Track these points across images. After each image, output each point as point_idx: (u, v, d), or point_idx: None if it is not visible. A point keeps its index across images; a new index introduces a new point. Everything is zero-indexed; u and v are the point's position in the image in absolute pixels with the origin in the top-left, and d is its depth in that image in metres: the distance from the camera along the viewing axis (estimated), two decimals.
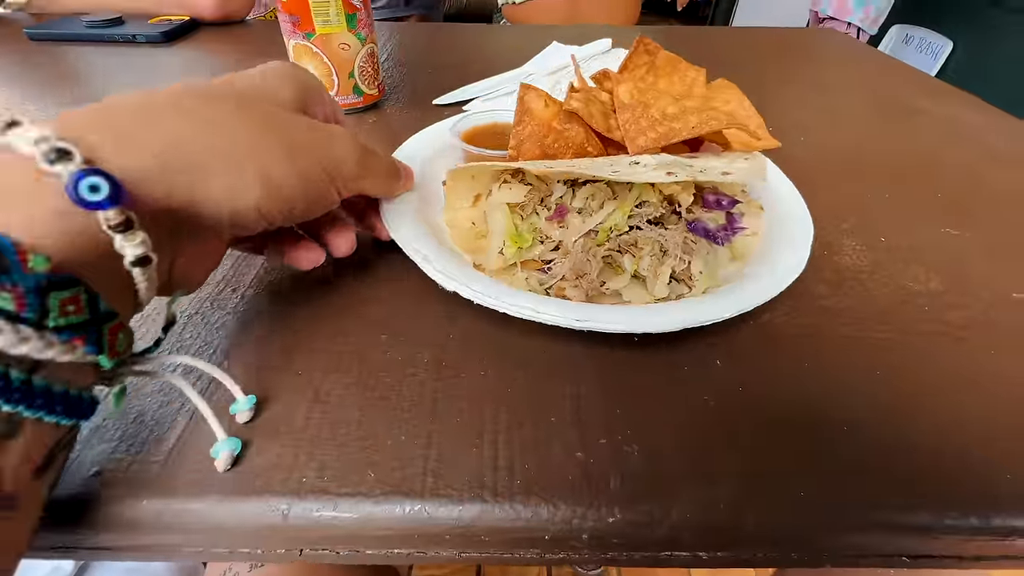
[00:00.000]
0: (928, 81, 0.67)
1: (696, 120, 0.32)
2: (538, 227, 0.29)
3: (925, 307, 0.32)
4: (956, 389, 0.27)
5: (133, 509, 0.21)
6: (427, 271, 0.27)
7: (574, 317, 0.24)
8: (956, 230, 0.38)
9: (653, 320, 0.25)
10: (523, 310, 0.25)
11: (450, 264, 0.27)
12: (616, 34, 0.84)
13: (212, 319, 0.29)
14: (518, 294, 0.26)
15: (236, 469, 0.22)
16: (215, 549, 0.23)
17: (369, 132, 0.51)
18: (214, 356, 0.27)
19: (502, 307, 0.25)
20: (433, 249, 0.28)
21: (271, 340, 0.28)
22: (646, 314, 0.25)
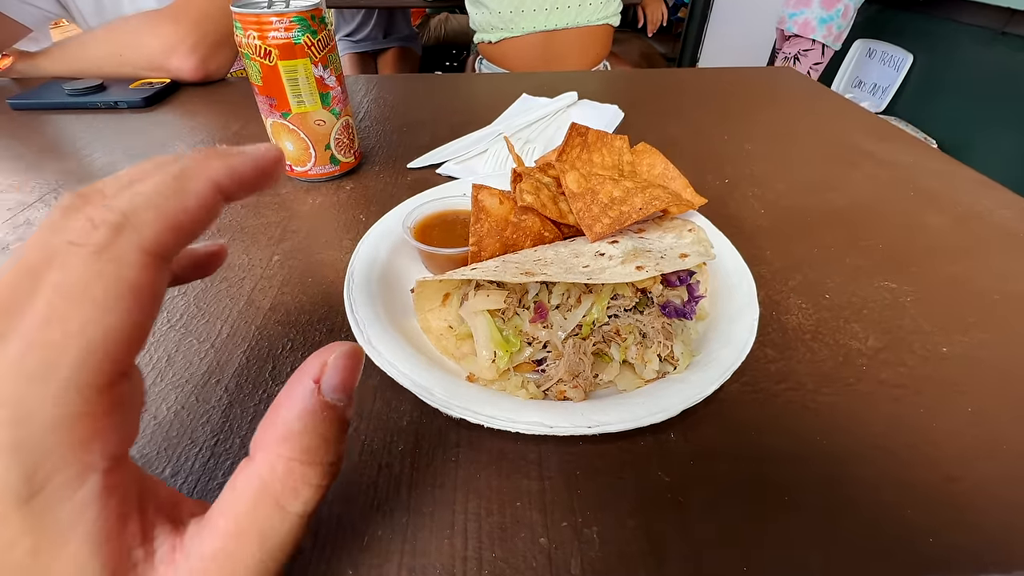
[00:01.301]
0: (875, 124, 0.71)
1: (641, 202, 0.35)
2: (522, 329, 0.31)
3: (863, 366, 0.34)
4: (889, 452, 0.29)
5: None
6: (432, 403, 0.28)
7: (585, 425, 0.26)
8: (894, 283, 0.41)
9: (654, 413, 0.27)
10: (537, 427, 0.26)
11: (447, 386, 0.29)
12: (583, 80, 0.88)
13: (198, 412, 0.31)
14: (526, 410, 0.27)
15: None
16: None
17: (347, 199, 0.53)
18: (199, 453, 0.29)
19: (516, 427, 0.27)
20: (423, 370, 0.29)
21: None
22: (645, 407, 0.28)
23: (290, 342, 0.37)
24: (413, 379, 0.29)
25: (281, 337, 0.37)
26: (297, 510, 0.17)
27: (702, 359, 0.31)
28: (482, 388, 0.30)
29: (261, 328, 0.38)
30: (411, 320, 0.36)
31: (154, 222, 0.16)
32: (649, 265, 0.30)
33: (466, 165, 0.58)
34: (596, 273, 0.30)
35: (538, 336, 0.30)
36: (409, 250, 0.42)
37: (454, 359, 0.33)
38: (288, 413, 0.17)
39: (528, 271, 0.30)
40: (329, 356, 0.18)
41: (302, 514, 0.17)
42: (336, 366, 0.18)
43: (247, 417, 0.31)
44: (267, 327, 0.38)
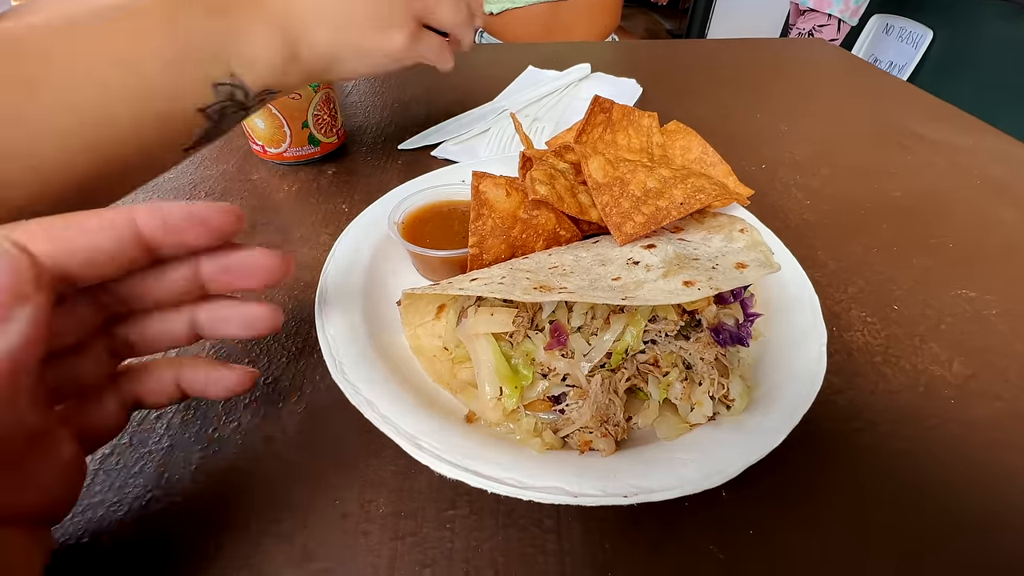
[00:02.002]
0: (924, 100, 0.63)
1: (682, 195, 0.28)
2: (535, 357, 0.25)
3: (951, 399, 0.28)
4: (990, 512, 0.23)
5: None
6: (420, 459, 0.22)
7: (620, 494, 0.20)
8: (973, 291, 0.35)
9: (709, 476, 0.21)
10: (557, 495, 0.20)
11: (439, 435, 0.22)
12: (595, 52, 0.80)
13: (129, 459, 0.25)
14: (542, 471, 0.21)
15: None
16: None
17: (328, 185, 0.46)
18: (125, 516, 0.23)
19: (527, 495, 0.20)
20: (408, 411, 0.23)
21: (201, 492, 0.24)
22: (697, 466, 0.21)
23: (251, 362, 0.30)
24: (396, 424, 0.23)
25: (242, 357, 0.30)
26: None
27: (761, 396, 0.24)
28: (484, 435, 0.23)
29: (215, 346, 0.31)
30: (398, 336, 0.29)
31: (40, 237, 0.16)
32: (700, 280, 0.23)
33: (466, 146, 0.50)
34: (631, 289, 0.23)
35: (556, 367, 0.24)
36: (397, 249, 0.35)
37: (450, 390, 0.26)
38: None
39: (542, 284, 0.24)
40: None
41: None
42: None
43: (190, 465, 0.25)
44: (223, 345, 0.31)
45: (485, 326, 0.25)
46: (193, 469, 0.25)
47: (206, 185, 0.46)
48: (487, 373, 0.24)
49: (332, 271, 0.31)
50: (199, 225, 0.19)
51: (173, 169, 0.48)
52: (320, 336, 0.27)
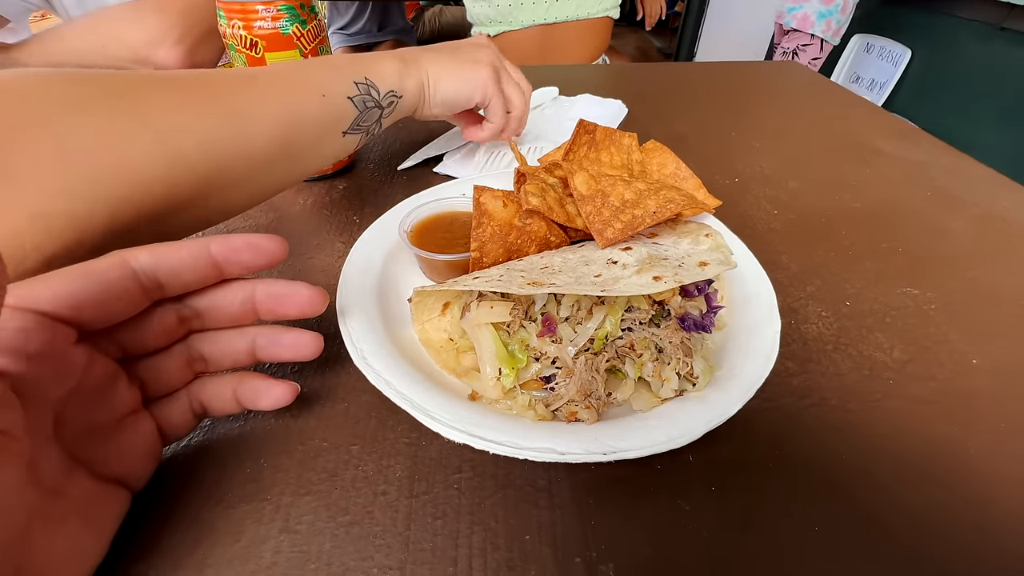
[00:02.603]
0: (884, 119, 0.69)
1: (655, 205, 0.33)
2: (529, 343, 0.28)
3: (890, 380, 0.32)
4: (922, 473, 0.27)
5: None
6: (432, 427, 0.26)
7: (600, 452, 0.24)
8: (916, 288, 0.40)
9: (674, 438, 0.25)
10: (548, 454, 0.24)
11: (448, 407, 0.26)
12: (585, 74, 0.85)
13: None
14: (534, 434, 0.25)
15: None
16: None
17: (340, 199, 0.51)
18: (176, 480, 0.27)
19: (523, 454, 0.24)
20: (421, 389, 0.27)
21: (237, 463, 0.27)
22: (664, 430, 0.25)
23: None
24: (411, 399, 0.26)
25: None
26: None
27: (722, 375, 0.29)
28: (486, 408, 0.27)
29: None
30: (408, 331, 0.33)
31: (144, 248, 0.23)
32: (667, 275, 0.27)
33: (463, 164, 0.55)
34: (609, 284, 0.27)
35: (546, 351, 0.28)
36: (406, 255, 0.39)
37: (455, 375, 0.30)
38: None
39: (535, 281, 0.28)
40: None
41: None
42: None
43: (231, 436, 0.29)
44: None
45: (486, 317, 0.29)
46: (235, 438, 0.28)
47: None
48: (488, 357, 0.28)
49: (349, 273, 0.36)
50: (253, 248, 0.25)
51: None
52: (342, 329, 0.31)
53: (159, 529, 0.24)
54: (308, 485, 0.26)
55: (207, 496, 0.26)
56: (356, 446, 0.28)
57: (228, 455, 0.28)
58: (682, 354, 0.27)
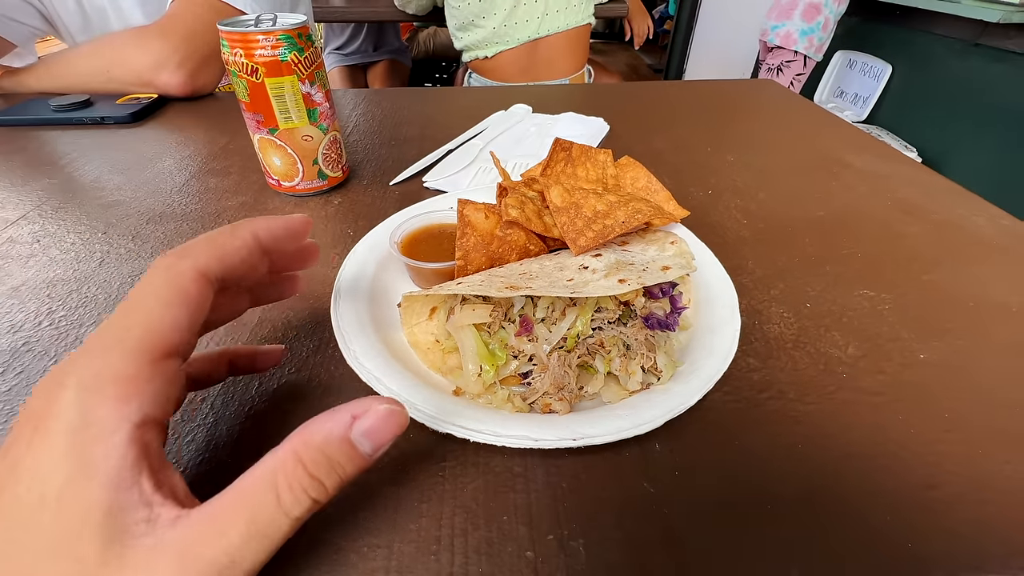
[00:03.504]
0: (853, 135, 0.73)
1: (624, 215, 0.36)
2: (508, 342, 0.31)
3: (844, 374, 0.35)
4: (869, 459, 0.30)
5: None
6: (418, 418, 0.28)
7: (570, 438, 0.27)
8: (872, 291, 0.42)
9: (638, 425, 0.28)
10: (523, 440, 0.27)
11: (433, 401, 0.29)
12: (570, 92, 0.89)
13: (183, 431, 0.31)
14: (511, 424, 0.28)
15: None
16: None
17: (335, 213, 0.54)
18: (184, 474, 0.29)
19: (501, 441, 0.27)
20: (409, 385, 0.30)
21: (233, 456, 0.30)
22: (629, 419, 0.28)
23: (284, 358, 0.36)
24: (399, 394, 0.29)
25: None
26: (286, 507, 0.19)
27: (685, 370, 0.31)
28: (468, 402, 0.30)
29: (249, 342, 0.38)
30: (398, 334, 0.36)
31: (205, 252, 0.23)
32: (631, 278, 0.30)
33: (452, 180, 0.58)
34: (580, 287, 0.30)
35: (523, 349, 0.31)
36: (397, 264, 0.42)
37: (441, 373, 0.33)
38: (319, 427, 0.21)
39: (513, 285, 0.31)
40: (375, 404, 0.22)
41: (288, 513, 0.19)
42: (375, 412, 0.22)
43: (233, 435, 0.31)
44: (254, 343, 0.38)
45: (468, 319, 0.31)
46: (236, 438, 0.31)
47: (228, 214, 0.53)
48: (470, 355, 0.31)
49: (344, 282, 0.38)
50: (290, 231, 0.27)
51: (199, 200, 0.56)
52: (336, 331, 0.34)
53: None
54: None
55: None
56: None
57: (219, 448, 0.30)
58: (646, 350, 0.30)
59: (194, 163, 0.64)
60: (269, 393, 0.34)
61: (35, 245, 0.48)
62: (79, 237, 0.49)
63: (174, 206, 0.55)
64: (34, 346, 0.37)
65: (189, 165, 0.63)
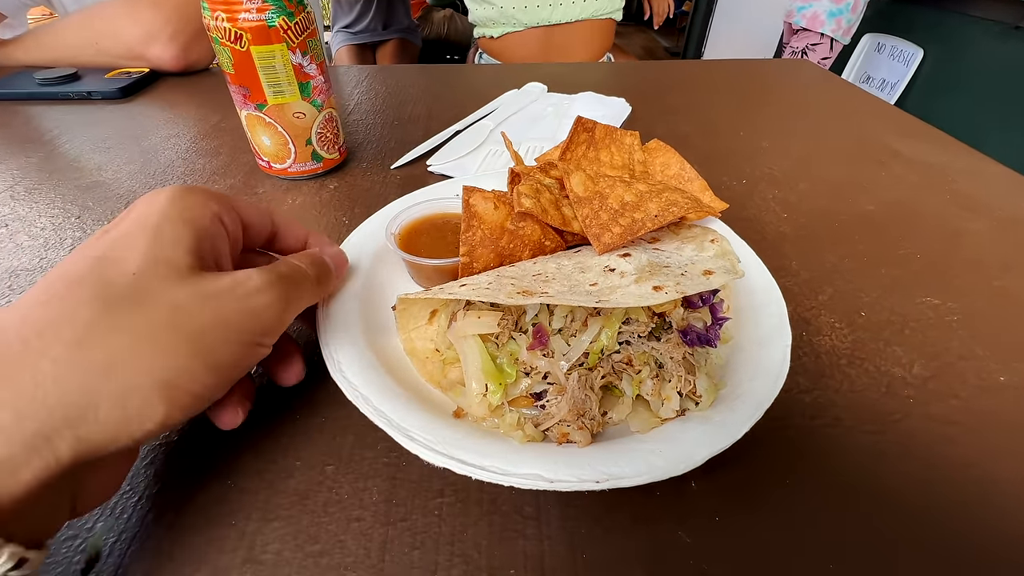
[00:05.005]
0: (900, 119, 0.66)
1: (656, 208, 0.30)
2: (519, 357, 0.26)
3: (910, 398, 0.30)
4: (945, 503, 0.25)
5: None
6: (411, 448, 0.23)
7: (592, 479, 0.22)
8: (937, 298, 0.37)
9: (675, 464, 0.22)
10: (535, 480, 0.22)
11: (429, 427, 0.24)
12: (589, 72, 0.83)
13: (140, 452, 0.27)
14: (522, 459, 0.23)
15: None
16: None
17: (330, 199, 0.49)
18: (140, 503, 0.25)
19: (509, 480, 0.22)
20: (401, 406, 0.25)
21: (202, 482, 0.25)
22: (664, 455, 0.23)
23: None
24: (389, 417, 0.24)
25: None
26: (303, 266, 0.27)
27: (728, 393, 0.26)
28: (471, 428, 0.25)
29: None
30: (394, 340, 0.31)
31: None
32: (668, 284, 0.25)
33: (459, 163, 0.53)
34: (606, 294, 0.25)
35: (537, 366, 0.26)
36: (395, 259, 0.37)
37: (440, 388, 0.28)
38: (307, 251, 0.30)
39: (526, 290, 0.26)
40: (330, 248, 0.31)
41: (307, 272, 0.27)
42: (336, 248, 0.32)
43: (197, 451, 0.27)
44: None
45: (473, 328, 0.27)
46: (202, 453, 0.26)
47: None
48: (474, 371, 0.26)
49: None
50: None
51: (184, 181, 0.51)
52: (320, 338, 0.29)
53: (111, 557, 0.22)
54: (277, 510, 0.24)
55: (165, 518, 0.24)
56: (331, 466, 0.26)
57: (192, 472, 0.26)
58: (684, 371, 0.25)
59: (182, 142, 0.59)
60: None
61: (2, 230, 0.44)
62: (51, 222, 0.45)
63: (156, 187, 0.50)
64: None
65: (177, 144, 0.59)
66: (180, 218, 0.23)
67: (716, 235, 0.33)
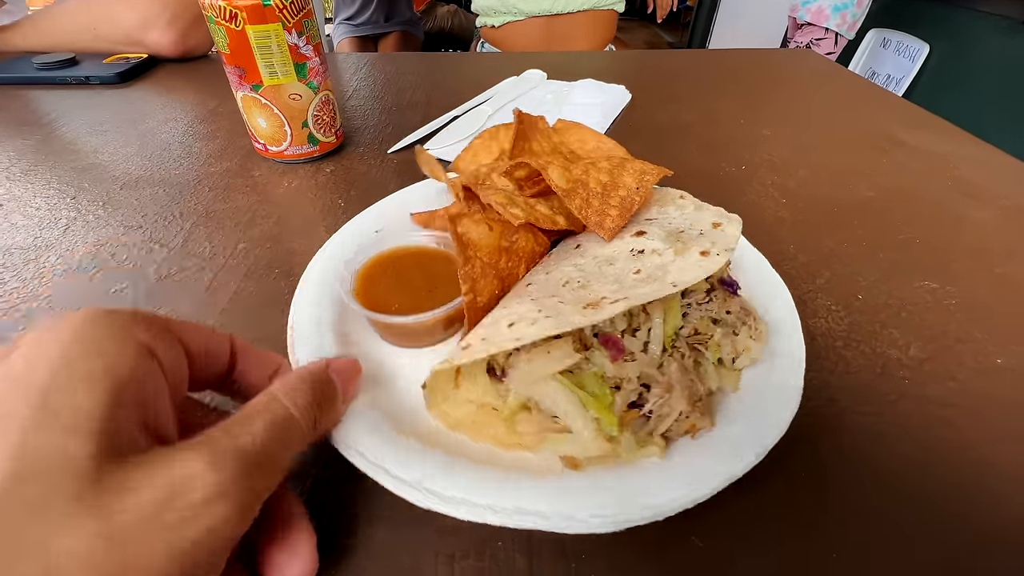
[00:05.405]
0: (905, 109, 0.66)
1: (633, 181, 0.31)
2: (604, 374, 0.24)
3: (905, 379, 0.30)
4: (941, 485, 0.25)
5: None
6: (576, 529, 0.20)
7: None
8: (935, 283, 0.37)
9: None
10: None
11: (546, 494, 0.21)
12: (590, 61, 0.82)
13: None
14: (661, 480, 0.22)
15: None
16: None
17: (326, 182, 0.49)
18: None
19: None
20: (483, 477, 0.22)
21: None
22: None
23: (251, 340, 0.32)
24: (475, 503, 0.21)
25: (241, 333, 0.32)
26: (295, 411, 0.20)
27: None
28: (606, 473, 0.23)
29: (219, 323, 0.33)
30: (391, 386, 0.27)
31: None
32: (707, 247, 0.25)
33: (455, 148, 0.53)
34: (668, 276, 0.24)
35: (627, 374, 0.24)
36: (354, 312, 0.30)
37: (519, 449, 0.24)
38: (301, 370, 0.22)
39: (591, 303, 0.23)
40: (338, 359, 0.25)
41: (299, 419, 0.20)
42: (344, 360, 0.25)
43: None
44: (226, 322, 0.33)
45: (553, 366, 0.23)
46: None
47: (210, 181, 0.49)
48: (574, 410, 0.23)
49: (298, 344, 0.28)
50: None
51: (180, 164, 0.51)
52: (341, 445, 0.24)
53: None
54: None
55: None
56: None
57: None
58: (751, 318, 0.26)
59: (179, 126, 0.59)
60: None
61: None
62: (46, 202, 0.45)
63: (152, 170, 0.50)
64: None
65: (174, 128, 0.59)
66: (86, 367, 0.15)
67: (681, 192, 0.33)
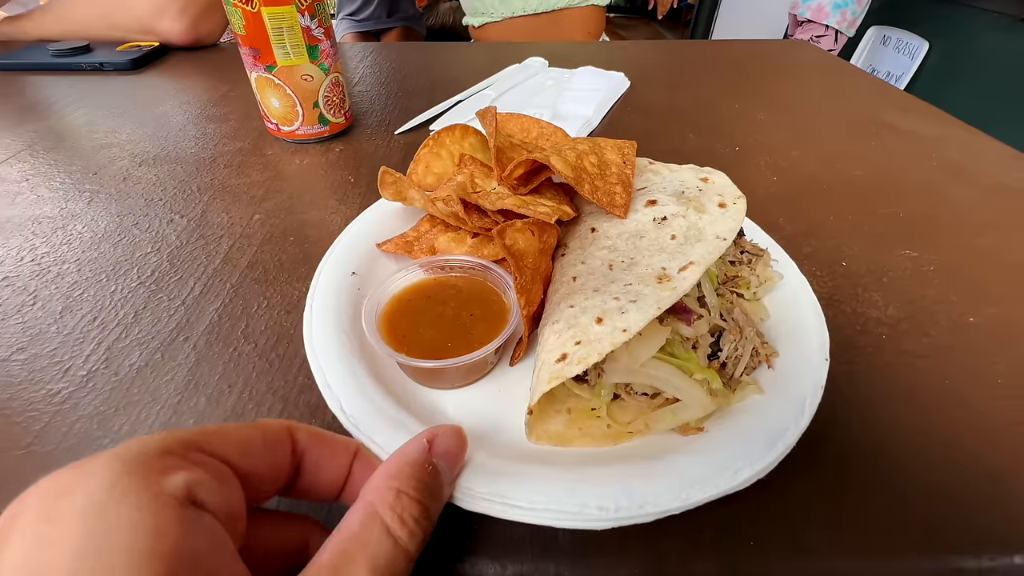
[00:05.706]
0: (896, 95, 0.67)
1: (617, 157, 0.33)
2: (684, 337, 0.26)
3: (883, 335, 0.32)
4: (914, 427, 0.27)
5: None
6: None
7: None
8: (915, 251, 0.39)
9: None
10: None
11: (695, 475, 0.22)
12: (587, 50, 0.84)
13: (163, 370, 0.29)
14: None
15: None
16: None
17: (336, 160, 0.51)
18: (160, 410, 0.27)
19: None
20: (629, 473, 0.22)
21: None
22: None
23: (266, 300, 0.34)
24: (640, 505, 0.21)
25: (257, 295, 0.35)
26: (403, 542, 0.17)
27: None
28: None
29: (236, 286, 0.35)
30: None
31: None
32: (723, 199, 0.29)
33: None
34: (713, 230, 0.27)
35: (698, 332, 0.26)
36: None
37: (629, 439, 0.25)
38: (400, 460, 0.20)
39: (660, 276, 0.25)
40: (440, 428, 0.22)
41: (407, 549, 0.17)
42: (446, 433, 0.22)
43: (215, 375, 0.29)
44: (243, 285, 0.35)
45: (652, 347, 0.25)
46: (217, 379, 0.28)
47: (225, 159, 0.51)
48: (681, 380, 0.25)
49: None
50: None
51: (195, 144, 0.53)
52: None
53: None
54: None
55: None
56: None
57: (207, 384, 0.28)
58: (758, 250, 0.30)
59: (193, 109, 0.61)
60: (255, 335, 0.31)
61: (23, 184, 0.46)
62: (69, 177, 0.47)
63: (168, 149, 0.52)
64: (13, 281, 0.35)
65: (187, 111, 0.61)
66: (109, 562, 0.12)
67: (646, 159, 0.35)
